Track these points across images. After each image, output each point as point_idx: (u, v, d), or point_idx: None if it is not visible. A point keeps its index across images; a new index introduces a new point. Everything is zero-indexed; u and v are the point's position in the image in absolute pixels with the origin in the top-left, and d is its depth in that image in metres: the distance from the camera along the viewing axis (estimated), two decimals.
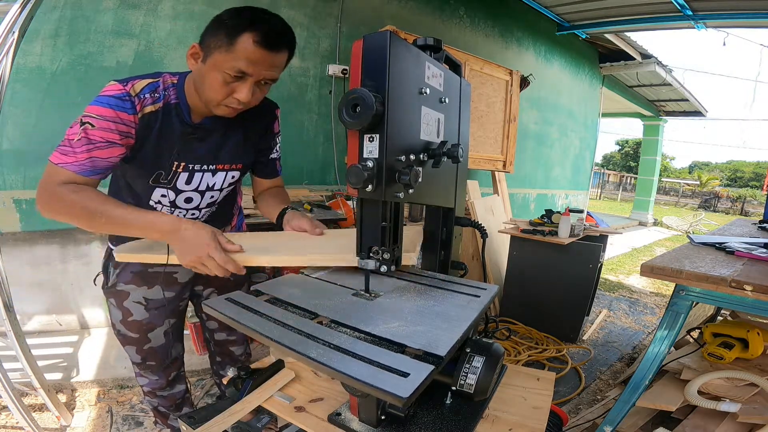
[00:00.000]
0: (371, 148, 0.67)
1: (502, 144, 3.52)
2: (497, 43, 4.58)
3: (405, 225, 0.95)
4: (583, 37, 5.72)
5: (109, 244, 1.14)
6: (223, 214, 1.20)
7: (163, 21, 2.39)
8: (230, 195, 1.18)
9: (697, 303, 1.35)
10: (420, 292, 0.83)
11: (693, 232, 7.91)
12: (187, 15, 2.45)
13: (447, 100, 0.86)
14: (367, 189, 0.67)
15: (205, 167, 1.04)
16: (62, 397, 1.76)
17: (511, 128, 3.53)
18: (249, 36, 0.80)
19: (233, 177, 1.10)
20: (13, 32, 1.33)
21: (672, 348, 1.50)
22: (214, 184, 1.08)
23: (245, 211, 2.25)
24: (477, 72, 3.16)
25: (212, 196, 1.10)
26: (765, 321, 2.00)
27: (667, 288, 4.18)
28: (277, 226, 1.08)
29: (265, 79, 0.89)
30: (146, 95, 0.89)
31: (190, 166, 1.01)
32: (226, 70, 0.83)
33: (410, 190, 0.71)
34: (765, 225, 2.33)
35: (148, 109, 0.90)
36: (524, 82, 3.61)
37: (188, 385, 1.39)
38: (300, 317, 0.68)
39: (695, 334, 1.87)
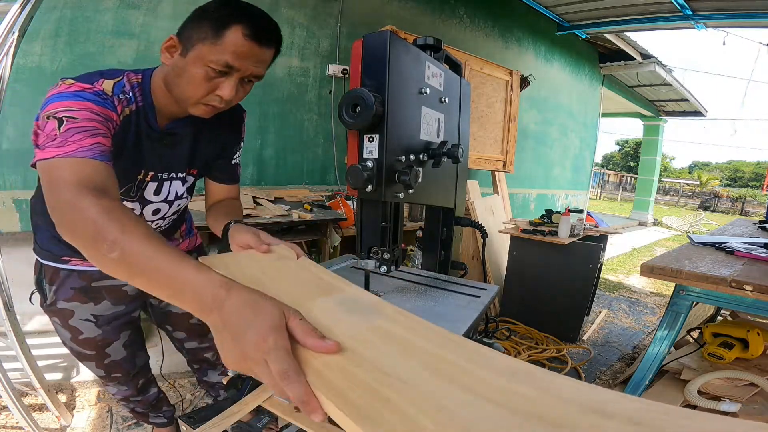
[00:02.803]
0: (371, 148, 0.67)
1: (502, 144, 3.52)
2: (497, 43, 4.58)
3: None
4: (583, 37, 5.71)
5: (38, 258, 1.01)
6: (181, 220, 1.15)
7: (163, 21, 2.39)
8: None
9: (697, 303, 1.36)
10: (420, 292, 0.83)
11: (693, 232, 7.91)
12: (187, 15, 2.45)
13: (447, 100, 0.86)
14: (367, 189, 0.67)
15: (173, 175, 0.96)
16: (62, 397, 1.75)
17: (511, 128, 3.53)
18: (239, 28, 0.73)
19: (187, 181, 1.03)
20: (13, 32, 1.33)
21: (672, 348, 1.50)
22: (183, 192, 1.01)
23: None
24: (477, 72, 3.16)
25: (179, 204, 1.03)
26: (765, 321, 2.00)
27: (667, 288, 4.18)
28: (223, 240, 0.90)
29: (251, 76, 0.80)
30: (119, 95, 0.79)
31: (160, 175, 0.93)
32: (210, 64, 0.75)
33: (410, 190, 0.71)
34: (765, 225, 2.33)
35: (127, 110, 0.81)
36: (524, 82, 3.61)
37: (159, 387, 1.36)
38: None
39: (695, 334, 1.87)
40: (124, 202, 0.92)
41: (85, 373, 1.91)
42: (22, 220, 2.17)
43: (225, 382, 0.78)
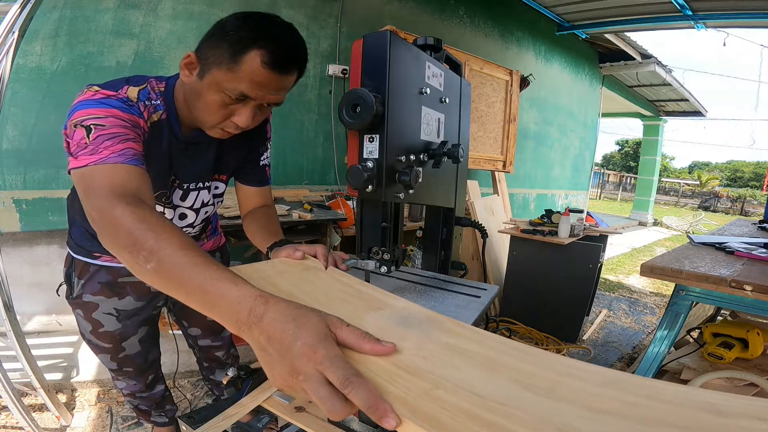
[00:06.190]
0: (371, 149, 0.67)
1: (502, 144, 3.52)
2: (497, 43, 4.58)
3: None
4: (583, 37, 5.72)
5: (70, 251, 1.05)
6: (208, 223, 1.15)
7: (163, 21, 2.39)
8: None
9: (697, 303, 1.36)
10: (420, 292, 0.83)
11: (693, 232, 7.91)
12: (187, 15, 2.45)
13: (447, 100, 0.86)
14: (367, 189, 0.67)
15: (200, 185, 0.97)
16: (62, 397, 1.75)
17: (511, 128, 3.53)
18: (256, 54, 0.68)
19: (217, 188, 1.04)
20: (13, 32, 1.33)
21: (672, 348, 1.50)
22: (210, 200, 1.02)
23: (233, 212, 2.15)
24: (477, 72, 3.16)
25: (206, 212, 1.05)
26: (765, 321, 2.00)
27: (667, 288, 4.18)
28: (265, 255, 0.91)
29: (269, 103, 0.78)
30: (145, 102, 0.78)
31: (185, 185, 0.94)
32: (226, 92, 0.72)
33: (410, 191, 0.71)
34: (765, 225, 2.33)
35: (155, 117, 0.80)
36: (524, 82, 3.61)
37: (167, 384, 1.38)
38: None
39: (695, 334, 1.87)
40: (158, 207, 0.93)
41: (85, 373, 1.91)
42: (22, 220, 2.17)
43: (224, 382, 0.78)
